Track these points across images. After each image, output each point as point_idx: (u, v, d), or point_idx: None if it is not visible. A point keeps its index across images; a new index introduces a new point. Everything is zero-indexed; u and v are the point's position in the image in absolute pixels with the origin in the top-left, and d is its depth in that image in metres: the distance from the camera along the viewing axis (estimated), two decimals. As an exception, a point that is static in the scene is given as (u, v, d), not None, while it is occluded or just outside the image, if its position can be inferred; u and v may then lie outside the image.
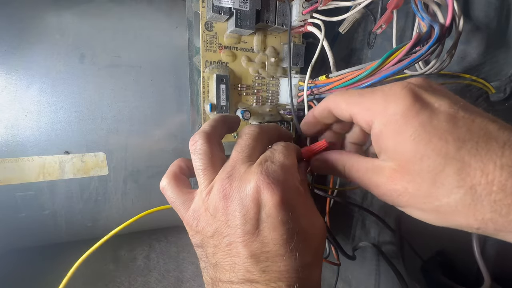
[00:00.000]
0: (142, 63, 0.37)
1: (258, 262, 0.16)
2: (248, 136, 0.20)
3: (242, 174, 0.18)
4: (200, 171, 0.19)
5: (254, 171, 0.17)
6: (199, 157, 0.20)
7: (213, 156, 0.20)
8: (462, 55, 0.28)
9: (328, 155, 0.21)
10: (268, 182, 0.17)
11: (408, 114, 0.15)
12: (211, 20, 0.31)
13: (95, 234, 0.45)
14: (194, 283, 0.48)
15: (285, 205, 0.17)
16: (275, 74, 0.35)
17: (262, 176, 0.17)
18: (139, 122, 0.38)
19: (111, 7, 0.37)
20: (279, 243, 0.16)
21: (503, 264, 0.28)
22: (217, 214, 0.18)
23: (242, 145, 0.20)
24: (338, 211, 0.36)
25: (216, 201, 0.18)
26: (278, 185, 0.17)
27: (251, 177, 0.17)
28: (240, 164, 0.18)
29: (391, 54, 0.22)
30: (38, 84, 0.33)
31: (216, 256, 0.18)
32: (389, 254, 0.37)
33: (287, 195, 0.17)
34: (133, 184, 0.40)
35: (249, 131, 0.21)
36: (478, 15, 0.27)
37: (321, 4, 0.28)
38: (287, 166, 0.18)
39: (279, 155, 0.19)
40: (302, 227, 0.17)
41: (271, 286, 0.16)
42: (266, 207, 0.17)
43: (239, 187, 0.17)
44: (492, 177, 0.13)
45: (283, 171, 0.18)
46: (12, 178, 0.34)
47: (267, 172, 0.17)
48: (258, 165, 0.18)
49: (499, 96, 0.25)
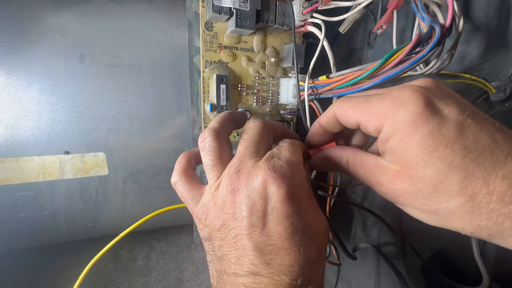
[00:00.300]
0: (142, 63, 0.37)
1: (262, 255, 0.17)
2: (253, 131, 0.20)
3: (250, 168, 0.18)
4: (209, 167, 0.20)
5: (261, 166, 0.18)
6: (208, 154, 0.20)
7: (222, 152, 0.20)
8: (462, 55, 0.28)
9: (331, 150, 0.21)
10: (275, 176, 0.17)
11: (417, 122, 0.15)
12: (211, 20, 0.31)
13: (95, 234, 0.45)
14: (194, 283, 0.48)
15: (291, 199, 0.17)
16: (275, 74, 0.35)
17: (269, 171, 0.17)
18: (139, 122, 0.38)
19: (111, 7, 0.37)
20: (283, 236, 0.17)
21: (502, 263, 0.28)
22: (225, 208, 0.18)
23: (248, 140, 0.20)
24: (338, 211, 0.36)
25: (224, 195, 0.18)
26: (285, 180, 0.17)
27: (259, 172, 0.17)
28: (248, 159, 0.19)
29: (392, 55, 0.22)
30: (38, 84, 0.33)
31: (222, 249, 0.18)
32: (389, 254, 0.37)
33: (293, 190, 0.17)
34: (133, 184, 0.40)
35: (253, 126, 0.21)
36: (478, 15, 0.27)
37: (321, 4, 0.28)
38: (293, 162, 0.19)
39: (285, 151, 0.19)
40: (307, 222, 0.17)
41: (275, 280, 0.16)
42: (272, 200, 0.17)
43: (246, 181, 0.18)
44: (493, 187, 0.14)
45: (290, 166, 0.18)
46: (12, 178, 0.34)
47: (274, 167, 0.17)
48: (266, 161, 0.18)
49: (499, 96, 0.25)
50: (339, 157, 0.20)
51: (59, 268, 0.47)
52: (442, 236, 0.31)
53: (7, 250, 0.42)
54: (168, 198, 0.43)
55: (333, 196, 0.35)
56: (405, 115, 0.15)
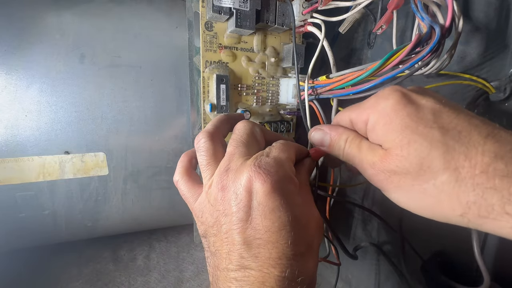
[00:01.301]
0: (142, 63, 0.37)
1: (251, 249, 0.17)
2: (242, 131, 0.21)
3: (238, 166, 0.19)
4: (203, 166, 0.21)
5: (248, 163, 0.18)
6: (202, 154, 0.21)
7: (215, 152, 0.21)
8: (462, 55, 0.28)
9: (334, 127, 0.22)
10: (260, 172, 0.17)
11: (396, 107, 0.17)
12: (211, 20, 0.31)
13: (95, 234, 0.45)
14: (194, 283, 0.48)
15: (276, 193, 0.17)
16: (275, 74, 0.35)
17: (255, 167, 0.18)
18: (139, 122, 0.38)
19: (111, 7, 0.37)
20: (270, 230, 0.17)
21: (502, 263, 0.28)
22: (217, 204, 0.19)
23: (237, 140, 0.21)
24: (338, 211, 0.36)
25: (215, 192, 0.19)
26: (269, 175, 0.17)
27: (245, 169, 0.18)
28: (237, 157, 0.19)
29: (392, 55, 0.22)
30: (38, 84, 0.33)
31: (215, 244, 0.19)
32: (389, 254, 0.37)
33: (279, 184, 0.18)
34: (133, 184, 0.40)
35: (242, 126, 0.22)
36: (478, 15, 0.27)
37: (321, 4, 0.28)
38: (280, 159, 0.19)
39: (275, 150, 0.20)
40: (295, 216, 0.18)
41: (264, 272, 0.17)
42: (258, 195, 0.17)
43: (234, 179, 0.18)
44: (475, 162, 0.14)
45: (276, 162, 0.18)
46: (12, 178, 0.34)
47: (259, 164, 0.18)
48: (253, 159, 0.19)
49: (499, 96, 0.25)
50: (341, 133, 0.21)
51: (59, 268, 0.47)
52: (442, 236, 0.32)
53: (7, 250, 0.42)
54: (168, 198, 0.43)
55: (333, 196, 0.35)
56: (385, 103, 0.17)
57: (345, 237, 0.47)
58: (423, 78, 0.31)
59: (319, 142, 0.22)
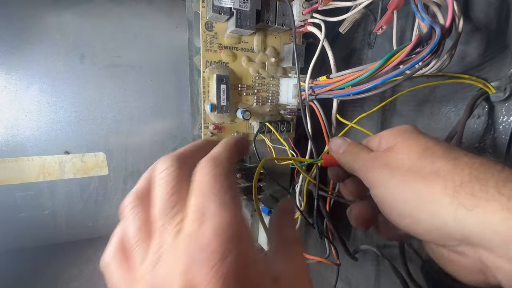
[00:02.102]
0: (142, 63, 0.37)
1: None
2: (163, 184, 0.15)
3: (169, 249, 0.13)
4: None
5: (182, 250, 0.12)
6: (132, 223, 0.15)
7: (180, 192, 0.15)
8: (462, 55, 0.28)
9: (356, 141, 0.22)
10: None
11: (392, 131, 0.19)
12: (211, 20, 0.31)
13: (95, 234, 0.45)
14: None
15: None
16: (275, 74, 0.35)
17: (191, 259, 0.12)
18: (139, 122, 0.38)
19: (111, 7, 0.37)
20: None
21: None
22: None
23: (160, 200, 0.14)
24: (338, 211, 0.36)
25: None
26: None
27: (179, 260, 0.12)
28: (164, 232, 0.13)
29: (392, 55, 0.22)
30: (38, 84, 0.33)
31: None
32: (389, 254, 0.37)
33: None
34: (133, 184, 0.40)
35: (161, 175, 0.15)
36: (478, 15, 0.27)
37: (321, 4, 0.28)
38: (222, 228, 0.12)
39: (211, 205, 0.13)
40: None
41: None
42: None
43: (165, 276, 0.12)
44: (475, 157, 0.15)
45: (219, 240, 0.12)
46: (12, 178, 0.34)
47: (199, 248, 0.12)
48: (186, 237, 0.12)
49: (499, 96, 0.25)
50: (357, 143, 0.21)
51: (59, 268, 0.47)
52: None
53: (7, 250, 0.42)
54: (168, 198, 0.43)
55: (333, 196, 0.35)
56: (391, 131, 0.19)
57: (345, 238, 0.47)
58: (424, 78, 0.31)
59: (337, 147, 0.22)
